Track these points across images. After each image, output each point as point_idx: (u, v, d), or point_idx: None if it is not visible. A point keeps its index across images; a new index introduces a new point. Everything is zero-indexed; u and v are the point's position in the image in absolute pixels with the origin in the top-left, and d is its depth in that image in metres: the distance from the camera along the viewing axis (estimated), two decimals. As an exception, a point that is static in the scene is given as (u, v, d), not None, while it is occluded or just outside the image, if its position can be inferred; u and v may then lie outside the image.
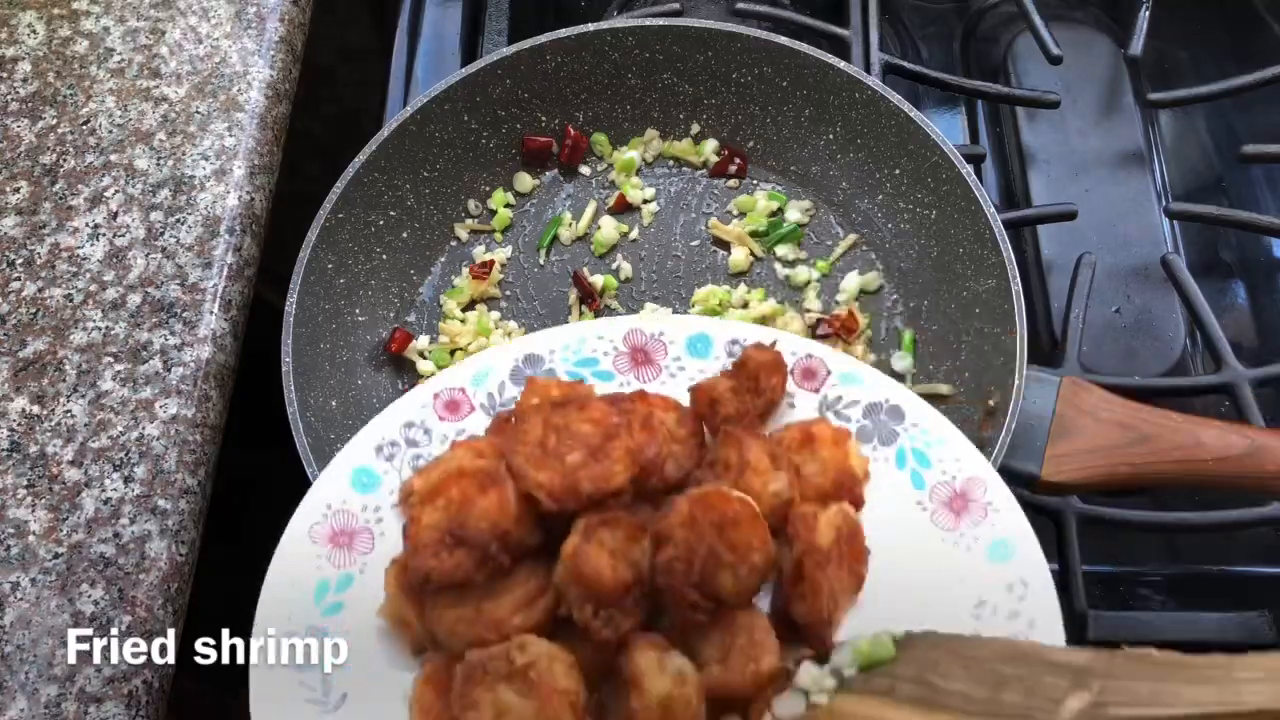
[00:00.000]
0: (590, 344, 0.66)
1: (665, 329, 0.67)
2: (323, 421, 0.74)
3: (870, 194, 0.85)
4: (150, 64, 0.88)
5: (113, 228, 0.80)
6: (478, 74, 0.84)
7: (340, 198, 0.78)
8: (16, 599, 0.67)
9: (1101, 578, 0.79)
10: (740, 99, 0.87)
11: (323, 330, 0.78)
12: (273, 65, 0.89)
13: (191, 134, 0.85)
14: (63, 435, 0.72)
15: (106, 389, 0.74)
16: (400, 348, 0.82)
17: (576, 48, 0.85)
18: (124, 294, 0.78)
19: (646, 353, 0.66)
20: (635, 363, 0.66)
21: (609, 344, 0.66)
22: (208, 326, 0.77)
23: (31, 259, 0.79)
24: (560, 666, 0.51)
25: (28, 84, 0.87)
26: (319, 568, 0.60)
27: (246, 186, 0.83)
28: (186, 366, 0.75)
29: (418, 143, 0.83)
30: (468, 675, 0.52)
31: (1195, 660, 0.46)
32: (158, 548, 0.69)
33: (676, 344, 0.66)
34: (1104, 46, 1.02)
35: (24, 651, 0.65)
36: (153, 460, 0.71)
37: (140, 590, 0.67)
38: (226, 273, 0.79)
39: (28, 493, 0.70)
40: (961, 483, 0.61)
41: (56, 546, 0.69)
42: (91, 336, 0.76)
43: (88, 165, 0.83)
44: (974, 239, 0.77)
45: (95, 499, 0.70)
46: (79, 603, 0.67)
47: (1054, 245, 0.91)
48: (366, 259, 0.82)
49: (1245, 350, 0.87)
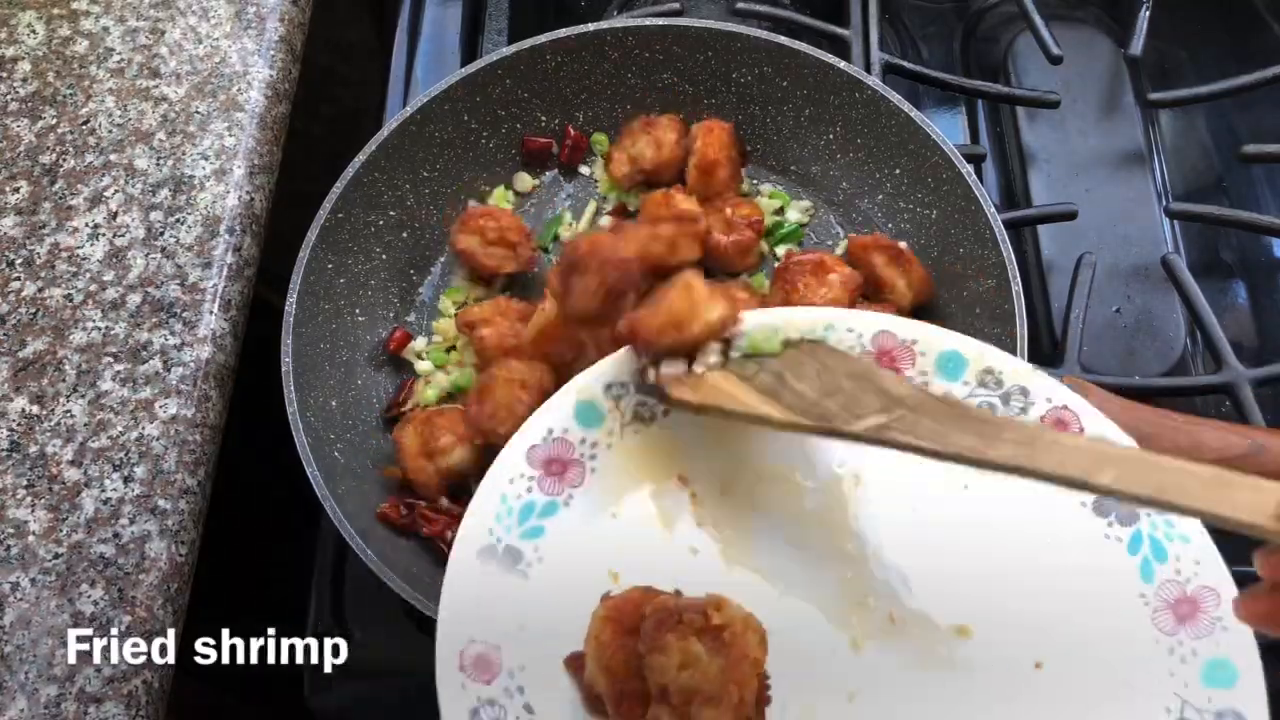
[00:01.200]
0: (838, 334, 0.64)
1: (919, 338, 0.64)
2: (323, 421, 0.74)
3: (870, 194, 0.85)
4: (150, 64, 0.88)
5: (112, 228, 0.80)
6: (478, 74, 0.83)
7: (340, 198, 0.78)
8: (16, 599, 0.67)
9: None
10: (740, 99, 0.87)
11: (322, 330, 0.78)
12: (272, 65, 0.89)
13: (191, 134, 0.85)
14: (62, 435, 0.72)
15: (106, 389, 0.74)
16: (399, 347, 0.82)
17: (576, 48, 0.85)
18: (124, 294, 0.78)
19: (894, 358, 0.64)
20: (880, 365, 0.63)
21: (857, 339, 0.64)
22: (207, 326, 0.77)
23: (31, 259, 0.79)
24: (754, 636, 0.53)
25: (27, 84, 0.87)
26: (529, 489, 0.61)
27: (246, 186, 0.83)
28: (186, 366, 0.75)
29: (418, 143, 0.83)
30: (660, 620, 0.53)
31: (986, 416, 0.53)
32: (158, 548, 0.69)
33: (927, 357, 0.63)
34: (1104, 46, 1.02)
35: (24, 651, 0.65)
36: (152, 460, 0.71)
37: (140, 590, 0.67)
38: (226, 273, 0.79)
39: (27, 493, 0.70)
40: (1194, 588, 0.56)
41: (56, 546, 0.69)
42: (91, 336, 0.76)
43: (87, 165, 0.83)
44: (974, 239, 0.77)
45: (95, 499, 0.70)
46: (79, 603, 0.67)
47: (1054, 245, 0.91)
48: (366, 259, 0.82)
49: (1245, 350, 0.87)
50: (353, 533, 0.67)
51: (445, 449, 0.74)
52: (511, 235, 0.82)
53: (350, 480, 0.73)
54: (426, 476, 0.74)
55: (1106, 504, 0.60)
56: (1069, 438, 0.52)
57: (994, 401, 0.62)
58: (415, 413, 0.77)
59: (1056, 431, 0.55)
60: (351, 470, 0.75)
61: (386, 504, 0.74)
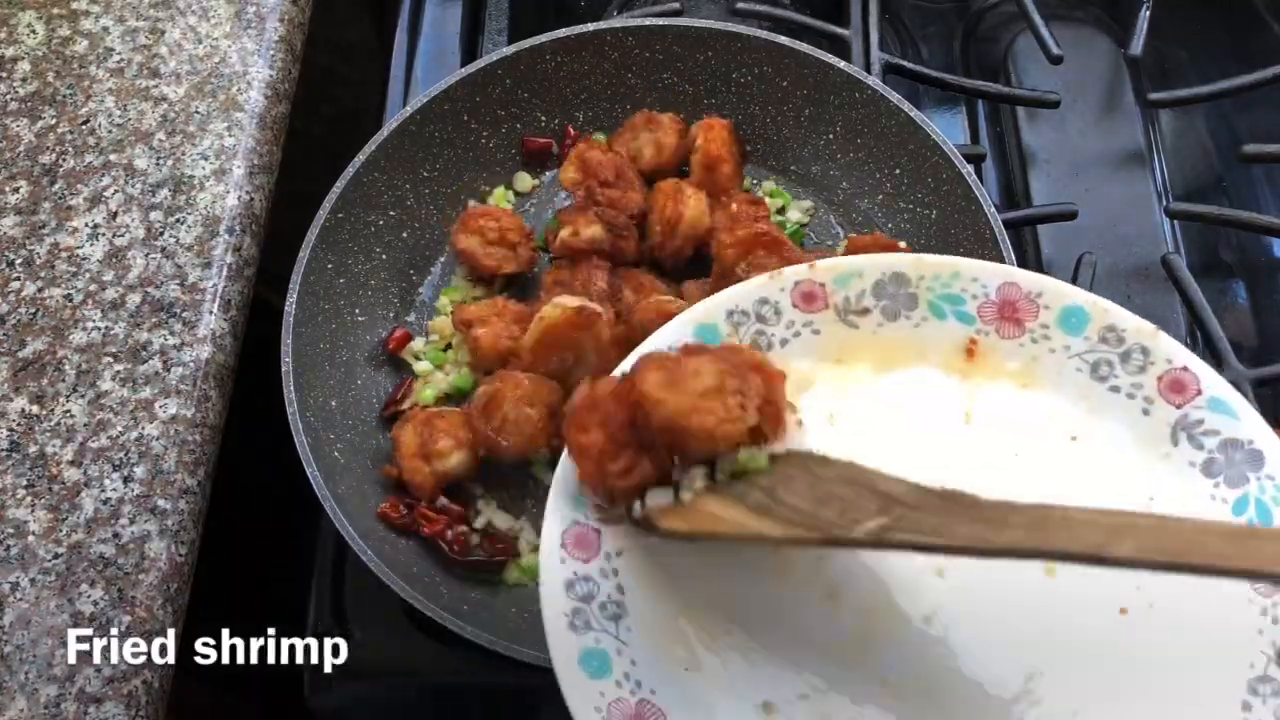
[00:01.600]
0: (963, 282, 0.63)
1: (1045, 290, 0.62)
2: (322, 421, 0.74)
3: (870, 194, 0.85)
4: (150, 64, 0.88)
5: (112, 227, 0.80)
6: (478, 74, 0.84)
7: (340, 197, 0.78)
8: (16, 599, 0.67)
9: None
10: (740, 99, 0.87)
11: (322, 330, 0.78)
12: (272, 65, 0.89)
13: (191, 134, 0.85)
14: (62, 435, 0.72)
15: (106, 389, 0.74)
16: (399, 347, 0.82)
17: (577, 47, 0.85)
18: (123, 294, 0.78)
19: (1016, 310, 0.63)
20: (1002, 316, 0.63)
21: (981, 288, 0.63)
22: (207, 326, 0.77)
23: (31, 259, 0.79)
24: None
25: (27, 83, 0.87)
26: None
27: (246, 186, 0.83)
28: (186, 366, 0.75)
29: (417, 143, 0.83)
30: None
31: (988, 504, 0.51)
32: (157, 548, 0.69)
33: (1051, 310, 0.62)
34: (1104, 46, 1.02)
35: (23, 651, 0.65)
36: (152, 460, 0.71)
37: (140, 590, 0.67)
38: (226, 273, 0.79)
39: (27, 493, 0.70)
40: None
41: (56, 546, 0.69)
42: (91, 336, 0.76)
43: (87, 165, 0.83)
44: (974, 239, 0.77)
45: (95, 499, 0.70)
46: (79, 603, 0.67)
47: (1054, 245, 0.91)
48: (366, 259, 0.82)
49: (1245, 350, 0.87)
50: (352, 533, 0.67)
51: (443, 452, 0.74)
52: (512, 235, 0.82)
53: (350, 480, 0.73)
54: (422, 478, 0.74)
55: (1215, 464, 0.59)
56: (1080, 512, 0.50)
57: (1112, 359, 0.61)
58: (415, 412, 0.77)
59: (1065, 507, 0.53)
60: (351, 470, 0.75)
61: (386, 504, 0.74)
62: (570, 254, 0.80)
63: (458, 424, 0.75)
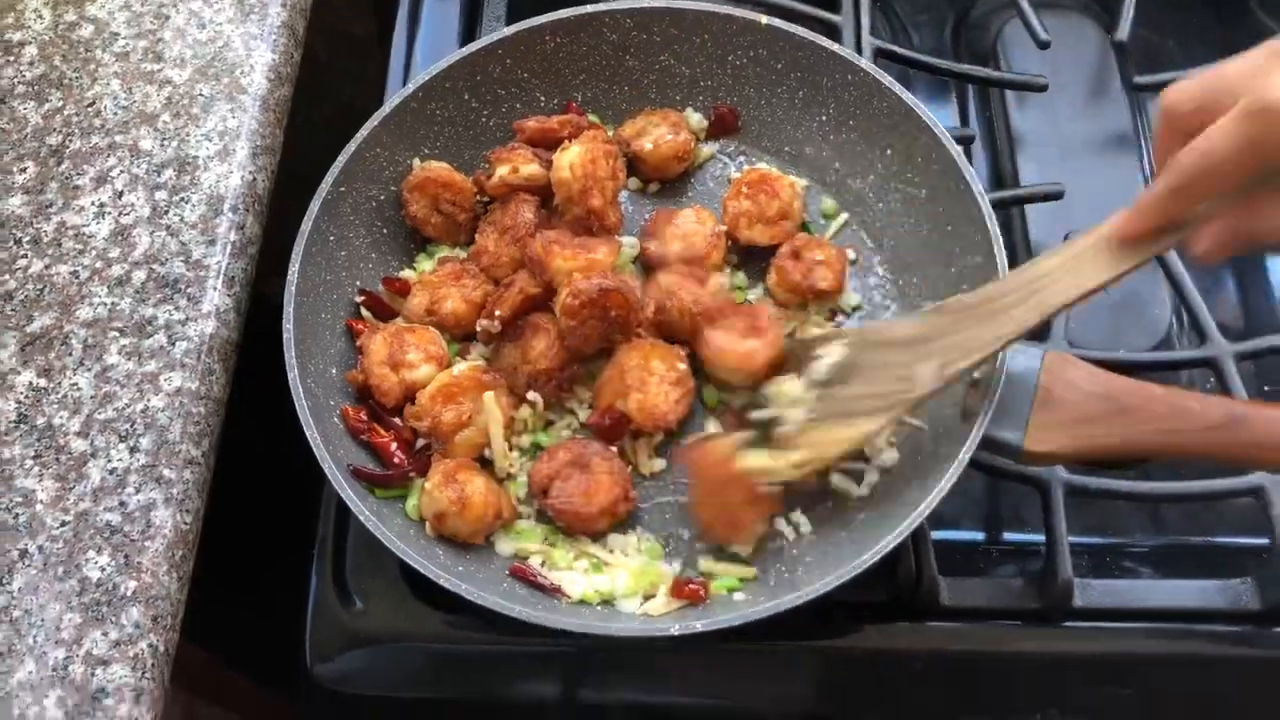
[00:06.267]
0: None
1: None
2: (323, 388, 0.76)
3: (862, 174, 0.87)
4: (154, 48, 0.89)
5: (118, 206, 0.82)
6: (478, 53, 0.85)
7: (342, 171, 0.80)
8: (25, 565, 0.68)
9: (1089, 549, 0.81)
10: (736, 80, 0.89)
11: (324, 300, 0.80)
12: (275, 49, 0.90)
13: (195, 115, 0.86)
14: (69, 407, 0.74)
15: (112, 363, 0.75)
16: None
17: (575, 29, 0.87)
18: (129, 270, 0.79)
19: None
20: None
21: None
22: (211, 302, 0.78)
23: (38, 237, 0.80)
24: None
25: (34, 67, 0.88)
26: None
27: (249, 166, 0.84)
28: (190, 341, 0.76)
29: (419, 119, 0.85)
30: None
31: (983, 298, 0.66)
32: (163, 516, 0.70)
33: None
34: (1092, 33, 1.03)
35: (31, 616, 0.67)
36: (157, 431, 0.73)
37: (146, 557, 0.69)
38: (230, 250, 0.80)
39: (35, 463, 0.72)
40: None
41: (63, 515, 0.70)
42: (97, 312, 0.77)
43: (93, 146, 0.84)
44: (963, 217, 0.78)
45: (101, 469, 0.72)
46: (86, 569, 0.68)
47: (1042, 228, 0.93)
48: (367, 232, 0.84)
49: (1230, 330, 0.87)
50: (351, 495, 0.68)
51: (412, 364, 0.77)
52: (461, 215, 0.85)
53: (350, 446, 0.75)
54: (390, 385, 0.77)
55: None
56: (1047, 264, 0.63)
57: None
58: (386, 325, 0.81)
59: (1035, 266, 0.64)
60: (351, 438, 0.76)
61: (351, 407, 0.77)
62: (508, 192, 0.83)
63: (429, 340, 0.79)
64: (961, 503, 0.85)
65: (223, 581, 0.82)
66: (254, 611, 0.89)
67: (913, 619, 0.74)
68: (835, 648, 0.74)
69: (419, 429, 0.76)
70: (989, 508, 0.85)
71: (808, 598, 0.65)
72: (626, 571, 0.73)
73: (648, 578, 0.72)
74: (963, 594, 0.75)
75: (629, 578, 0.72)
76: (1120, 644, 0.74)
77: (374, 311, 0.82)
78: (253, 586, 0.93)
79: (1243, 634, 0.74)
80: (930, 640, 0.74)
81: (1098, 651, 0.74)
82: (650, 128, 0.87)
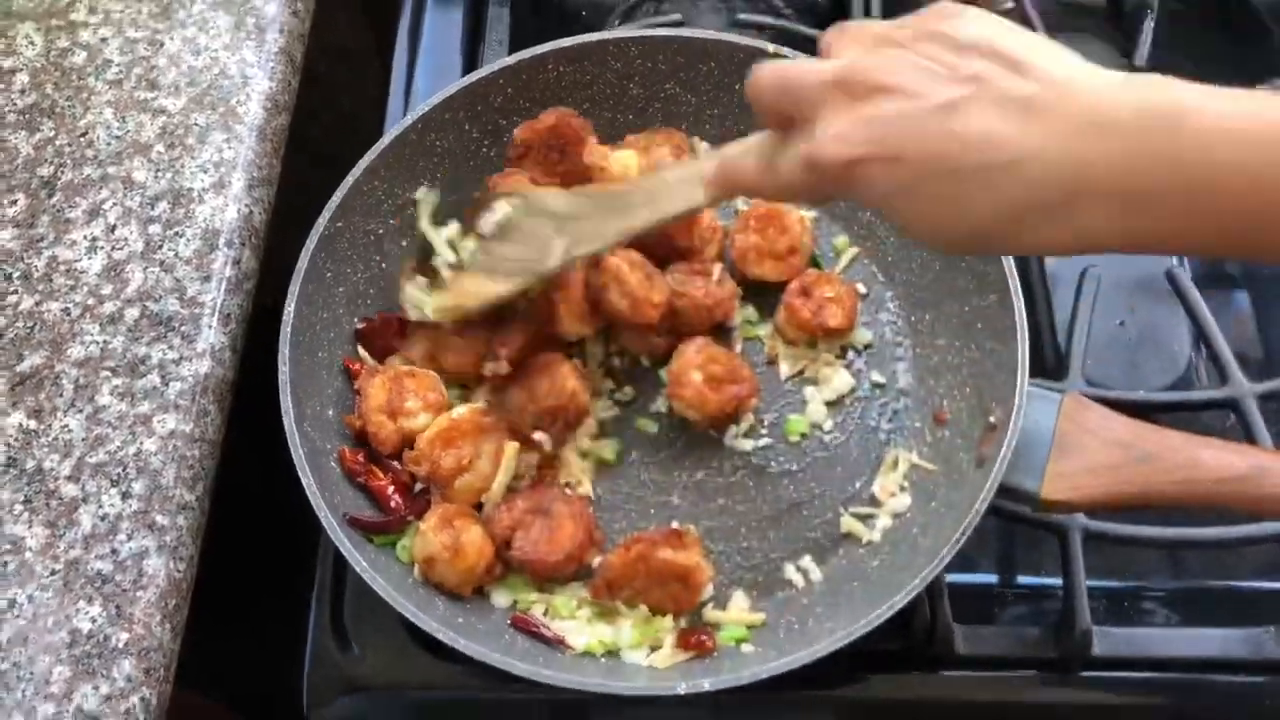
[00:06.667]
0: None
1: None
2: (319, 430, 0.74)
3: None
4: (149, 75, 0.88)
5: (111, 240, 0.80)
6: (479, 82, 0.83)
7: (339, 206, 0.78)
8: (13, 616, 0.66)
9: (1106, 593, 0.79)
10: (743, 110, 0.85)
11: (320, 339, 0.78)
12: (272, 77, 0.88)
13: (190, 146, 0.84)
14: (60, 450, 0.72)
15: (104, 404, 0.73)
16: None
17: (579, 57, 0.85)
18: (122, 308, 0.77)
19: None
20: None
21: None
22: (206, 341, 0.76)
23: (29, 272, 0.79)
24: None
25: (25, 95, 0.87)
26: None
27: (245, 199, 0.82)
28: (185, 381, 0.74)
29: (418, 151, 0.83)
30: None
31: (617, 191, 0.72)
32: (155, 564, 0.68)
33: None
34: (1108, 57, 1.01)
35: (20, 669, 0.65)
36: (150, 476, 0.71)
37: (138, 607, 0.67)
38: (225, 286, 0.79)
39: (25, 508, 0.70)
40: None
41: (53, 563, 0.68)
42: (89, 350, 0.75)
43: (85, 177, 0.83)
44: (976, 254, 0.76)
45: (92, 515, 0.70)
46: (76, 620, 0.66)
47: (1059, 260, 0.90)
48: (365, 267, 0.82)
49: (1250, 363, 0.87)
50: (349, 546, 0.67)
51: (410, 412, 0.76)
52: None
53: (348, 492, 0.73)
54: (387, 433, 0.75)
55: None
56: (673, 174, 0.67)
57: None
58: (385, 368, 0.79)
59: (662, 176, 0.69)
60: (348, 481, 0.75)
61: (348, 449, 0.76)
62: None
63: (428, 386, 0.77)
64: (975, 542, 0.82)
65: (219, 623, 0.80)
66: (251, 656, 0.87)
67: (927, 668, 0.72)
68: (846, 697, 0.72)
69: (418, 473, 0.74)
70: (1002, 549, 0.83)
71: (819, 654, 0.63)
72: (630, 621, 0.71)
73: (653, 628, 0.71)
74: (978, 643, 0.73)
75: (633, 629, 0.70)
76: (1139, 695, 0.72)
77: (370, 348, 0.81)
78: (249, 630, 0.91)
79: (1265, 685, 0.72)
80: (945, 690, 0.73)
81: (1116, 703, 0.72)
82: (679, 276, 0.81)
